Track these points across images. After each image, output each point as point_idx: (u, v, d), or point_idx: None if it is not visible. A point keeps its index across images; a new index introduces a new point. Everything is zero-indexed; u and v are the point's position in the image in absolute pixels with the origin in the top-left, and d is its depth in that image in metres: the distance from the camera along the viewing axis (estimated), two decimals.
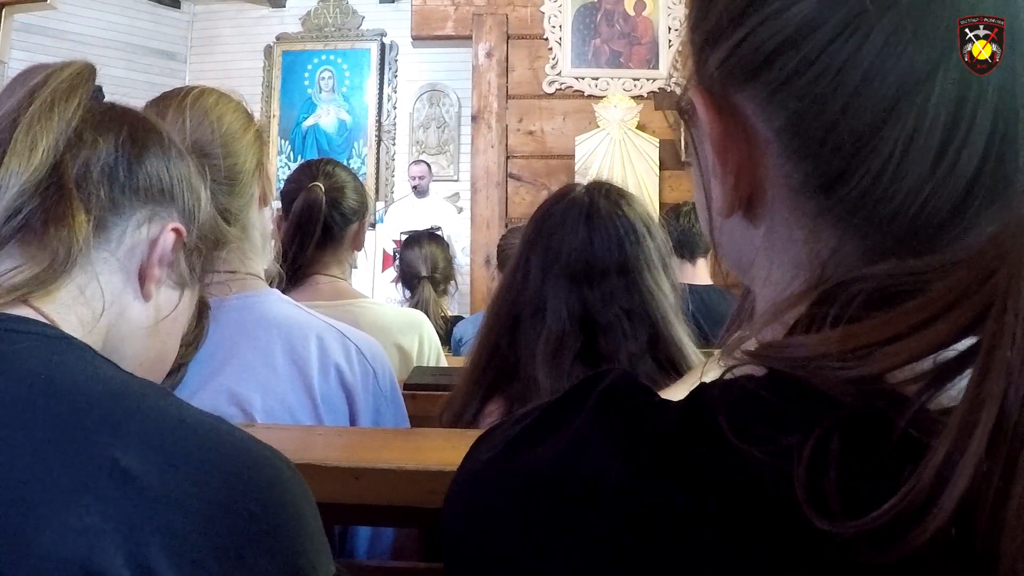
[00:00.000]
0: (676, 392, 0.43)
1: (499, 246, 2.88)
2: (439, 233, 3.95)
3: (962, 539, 0.31)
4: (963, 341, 0.33)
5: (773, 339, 0.39)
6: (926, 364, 0.34)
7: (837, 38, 0.37)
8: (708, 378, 0.41)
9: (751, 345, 0.39)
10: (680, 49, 0.49)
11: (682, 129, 0.50)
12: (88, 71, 0.71)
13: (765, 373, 0.38)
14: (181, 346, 0.84)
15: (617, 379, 0.42)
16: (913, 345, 0.33)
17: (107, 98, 0.74)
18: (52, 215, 0.64)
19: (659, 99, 4.60)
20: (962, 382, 0.32)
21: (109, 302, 0.68)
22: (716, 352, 0.45)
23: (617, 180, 1.23)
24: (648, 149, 4.69)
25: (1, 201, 0.62)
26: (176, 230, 0.72)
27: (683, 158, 4.54)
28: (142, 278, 0.71)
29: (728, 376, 0.39)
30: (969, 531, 0.31)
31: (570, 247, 1.11)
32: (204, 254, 0.79)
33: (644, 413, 0.40)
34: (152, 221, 0.71)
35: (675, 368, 1.10)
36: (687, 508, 0.35)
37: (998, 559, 0.30)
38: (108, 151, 0.68)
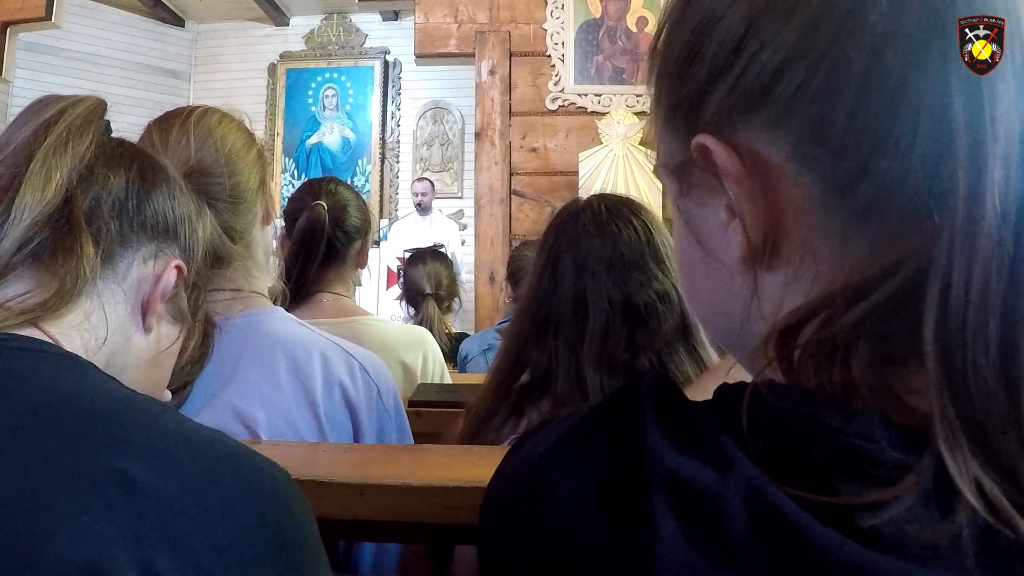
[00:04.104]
0: (703, 388, 0.43)
1: (511, 257, 2.87)
2: (442, 250, 3.95)
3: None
4: None
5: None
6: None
7: (838, 36, 0.38)
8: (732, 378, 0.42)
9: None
10: (653, 116, 0.49)
11: (671, 195, 0.47)
12: (101, 107, 0.74)
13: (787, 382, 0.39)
14: (187, 364, 0.87)
15: (654, 381, 0.43)
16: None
17: (111, 115, 0.76)
18: (62, 246, 0.66)
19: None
20: None
21: (112, 331, 0.70)
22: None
23: None
24: (651, 165, 4.68)
25: (14, 231, 0.65)
26: (179, 267, 0.75)
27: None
28: (144, 311, 0.73)
29: (750, 383, 0.39)
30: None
31: (600, 243, 1.14)
32: (199, 290, 0.81)
33: (691, 412, 0.41)
34: (157, 257, 0.74)
35: (702, 360, 1.12)
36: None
37: None
38: (119, 186, 0.71)
